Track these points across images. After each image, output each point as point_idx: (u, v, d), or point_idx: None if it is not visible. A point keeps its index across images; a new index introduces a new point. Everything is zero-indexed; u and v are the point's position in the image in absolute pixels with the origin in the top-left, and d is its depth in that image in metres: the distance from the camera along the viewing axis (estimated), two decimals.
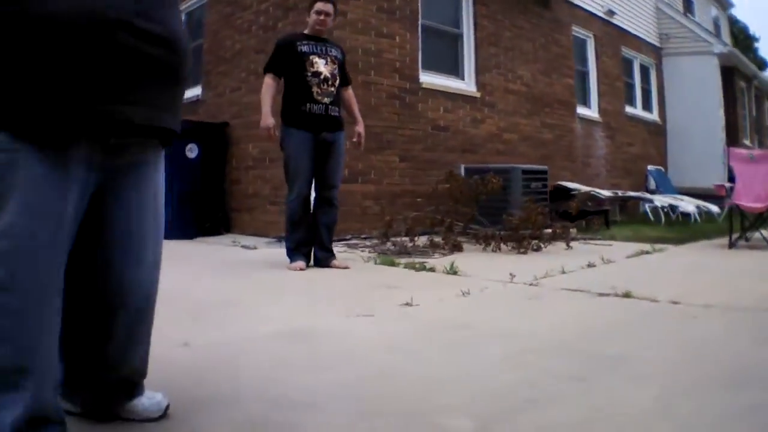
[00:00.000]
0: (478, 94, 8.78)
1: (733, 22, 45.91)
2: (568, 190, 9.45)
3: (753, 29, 49.24)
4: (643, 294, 3.78)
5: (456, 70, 8.78)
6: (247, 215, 7.70)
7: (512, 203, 6.95)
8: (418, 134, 7.83)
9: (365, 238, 6.68)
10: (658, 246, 6.45)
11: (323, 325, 3.09)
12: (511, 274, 4.47)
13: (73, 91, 1.43)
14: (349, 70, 5.35)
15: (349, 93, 5.24)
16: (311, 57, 4.86)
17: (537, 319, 3.30)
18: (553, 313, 3.46)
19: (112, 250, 1.69)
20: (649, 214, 10.50)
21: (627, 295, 3.78)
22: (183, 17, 9.72)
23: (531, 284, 4.26)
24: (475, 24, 8.95)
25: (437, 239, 6.17)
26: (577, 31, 11.54)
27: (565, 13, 11.02)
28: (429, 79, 8.08)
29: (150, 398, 1.89)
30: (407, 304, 3.55)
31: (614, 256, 5.60)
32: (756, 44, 47.77)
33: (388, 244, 6.11)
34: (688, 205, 10.56)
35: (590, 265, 5.10)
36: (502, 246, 6.14)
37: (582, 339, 2.86)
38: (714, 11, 20.88)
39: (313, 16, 5.00)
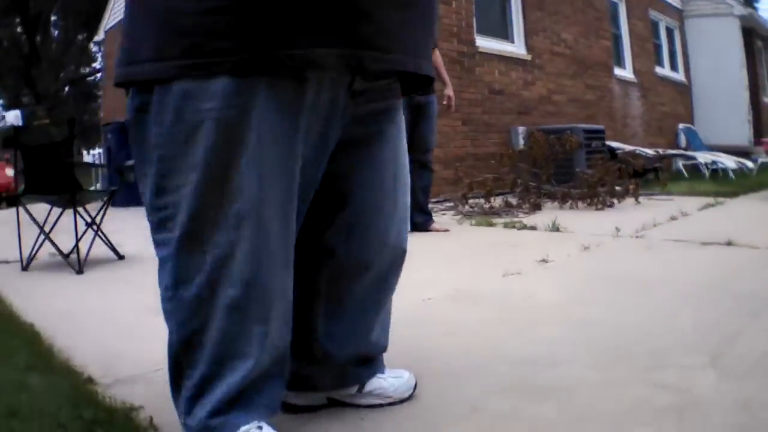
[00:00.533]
0: (528, 57, 8.79)
1: None
2: (614, 149, 9.45)
3: None
4: (742, 242, 3.85)
5: (506, 34, 8.78)
6: None
7: (577, 163, 6.94)
8: (477, 98, 7.84)
9: (437, 202, 6.69)
10: (718, 199, 6.48)
11: (483, 286, 3.07)
12: (616, 228, 4.50)
13: (322, 28, 1.22)
14: None
15: (436, 55, 5.17)
16: None
17: (669, 267, 3.37)
18: (677, 261, 3.53)
19: (358, 207, 1.48)
20: (683, 170, 10.49)
21: (729, 244, 3.85)
22: None
23: (637, 237, 4.29)
24: None
25: (511, 200, 6.18)
26: None
27: None
28: (484, 43, 8.08)
29: (398, 376, 1.65)
30: (543, 260, 3.56)
31: (686, 209, 5.63)
32: (756, 5, 47.48)
33: (467, 207, 6.12)
34: (727, 161, 10.58)
35: (673, 218, 5.13)
36: (579, 204, 6.16)
37: (722, 282, 2.94)
38: None
39: None
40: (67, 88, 25.80)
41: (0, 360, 2.04)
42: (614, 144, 9.78)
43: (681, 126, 12.99)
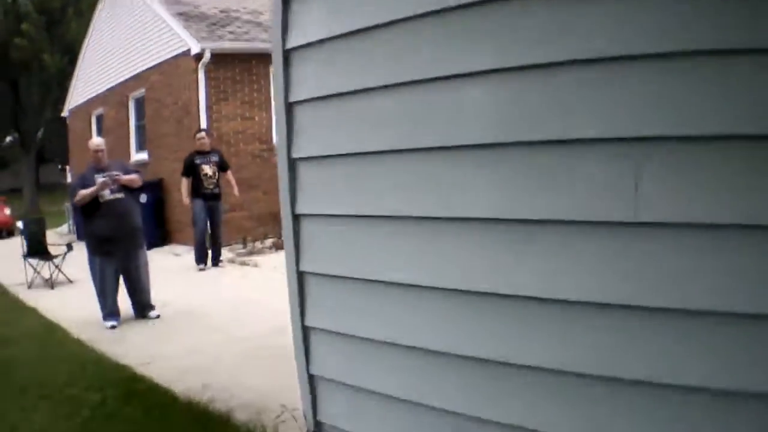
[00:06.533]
0: None
1: None
2: None
3: None
4: None
5: None
6: (177, 233, 14.24)
7: None
8: (274, 175, 14.02)
9: (236, 243, 13.10)
10: None
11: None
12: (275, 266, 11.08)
13: None
14: (225, 153, 11.77)
15: (228, 174, 11.40)
16: (203, 166, 10.95)
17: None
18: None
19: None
20: None
21: None
22: (133, 103, 16.23)
23: None
24: None
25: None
26: None
27: None
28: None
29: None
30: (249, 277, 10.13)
31: None
32: None
33: (248, 247, 12.59)
34: None
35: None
36: None
37: None
38: None
39: (197, 141, 11.22)
40: (41, 131, 32.58)
41: (23, 321, 8.47)
42: None
43: None
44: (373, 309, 2.84)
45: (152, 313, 7.65)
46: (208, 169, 10.96)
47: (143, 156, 15.75)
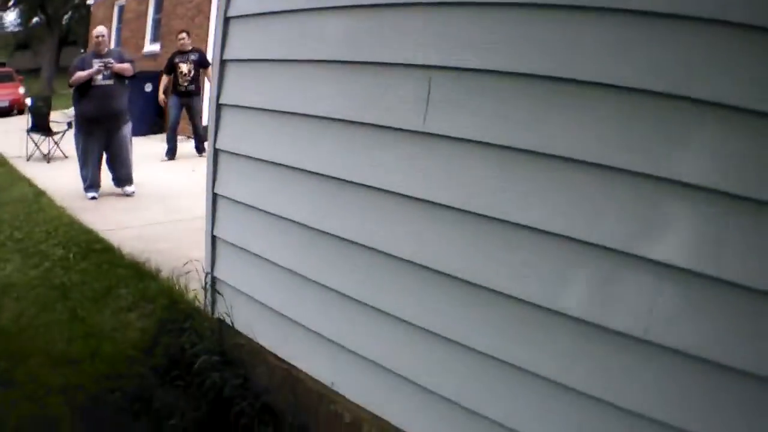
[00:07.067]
0: None
1: None
2: None
3: None
4: None
5: None
6: None
7: None
8: None
9: None
10: None
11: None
12: None
13: None
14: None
15: (208, 71, 11.63)
16: (180, 64, 11.50)
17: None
18: None
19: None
20: None
21: None
22: None
23: None
24: None
25: None
26: None
27: None
28: None
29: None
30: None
31: None
32: None
33: None
34: None
35: None
36: None
37: None
38: None
39: (179, 42, 11.76)
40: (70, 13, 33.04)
41: (15, 189, 9.22)
42: None
43: None
44: (266, 186, 3.46)
45: (128, 189, 8.39)
46: (184, 68, 11.43)
47: (155, 48, 16.25)
